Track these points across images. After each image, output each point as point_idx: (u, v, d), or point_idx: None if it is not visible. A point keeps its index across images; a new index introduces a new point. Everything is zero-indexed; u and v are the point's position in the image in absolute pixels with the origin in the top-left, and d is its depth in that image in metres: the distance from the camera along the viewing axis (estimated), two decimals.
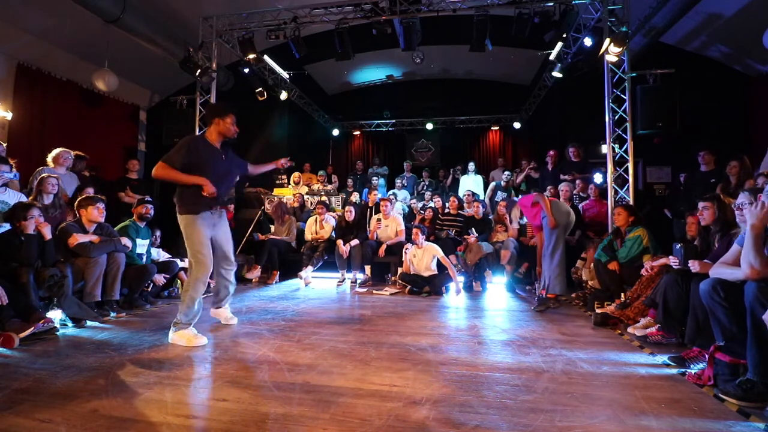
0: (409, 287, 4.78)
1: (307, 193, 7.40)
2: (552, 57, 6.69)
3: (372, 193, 6.86)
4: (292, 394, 1.88)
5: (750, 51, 6.40)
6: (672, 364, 2.33)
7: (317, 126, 10.53)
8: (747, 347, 1.87)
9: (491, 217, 5.70)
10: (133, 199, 5.12)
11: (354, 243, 5.33)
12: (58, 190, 3.80)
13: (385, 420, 1.64)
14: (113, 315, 3.44)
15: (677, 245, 2.71)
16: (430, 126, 10.16)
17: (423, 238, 4.79)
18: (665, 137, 6.45)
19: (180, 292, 4.29)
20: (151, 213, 4.21)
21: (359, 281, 5.33)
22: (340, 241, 5.37)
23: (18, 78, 5.97)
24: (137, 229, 4.04)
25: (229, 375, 2.12)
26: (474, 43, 5.65)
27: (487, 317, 3.63)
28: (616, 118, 5.26)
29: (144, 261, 4.04)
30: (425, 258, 4.76)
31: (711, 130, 6.75)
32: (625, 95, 5.20)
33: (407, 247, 5.05)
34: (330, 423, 1.61)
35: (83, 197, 3.69)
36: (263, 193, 7.19)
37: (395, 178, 8.40)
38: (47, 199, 3.68)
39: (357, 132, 11.16)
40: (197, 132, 6.14)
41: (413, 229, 4.85)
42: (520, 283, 5.06)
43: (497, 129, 10.48)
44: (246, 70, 6.88)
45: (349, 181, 8.23)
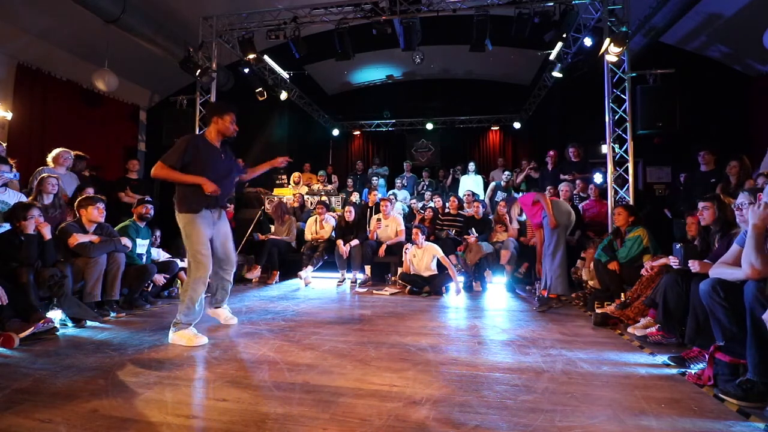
0: (409, 287, 4.78)
1: (307, 193, 7.41)
2: (552, 57, 6.69)
3: (372, 193, 6.87)
4: (292, 394, 1.88)
5: (750, 51, 6.40)
6: (672, 364, 2.33)
7: (317, 126, 10.53)
8: (747, 347, 1.87)
9: (491, 217, 5.69)
10: (133, 199, 5.12)
11: (354, 243, 5.33)
12: (58, 190, 3.81)
13: (385, 420, 1.64)
14: (113, 315, 3.44)
15: (677, 245, 2.71)
16: (430, 126, 10.16)
17: (423, 238, 4.79)
18: (665, 137, 6.46)
19: (180, 292, 4.29)
20: (151, 213, 4.21)
21: (359, 281, 5.33)
22: (340, 241, 5.38)
23: (18, 78, 5.98)
24: (137, 229, 4.04)
25: (229, 375, 2.12)
26: (474, 43, 5.65)
27: (487, 317, 3.63)
28: (616, 118, 5.26)
29: (144, 261, 4.05)
30: (425, 258, 4.76)
31: (711, 130, 6.75)
32: (625, 95, 5.20)
33: (407, 247, 5.05)
34: (330, 423, 1.61)
35: (83, 197, 3.69)
36: (263, 193, 7.19)
37: (395, 178, 8.40)
38: (47, 199, 3.69)
39: (357, 132, 11.16)
40: (197, 132, 6.14)
41: (413, 229, 4.85)
42: (520, 283, 5.06)
43: (497, 129, 10.48)
44: (246, 70, 6.88)
45: (349, 181, 8.23)
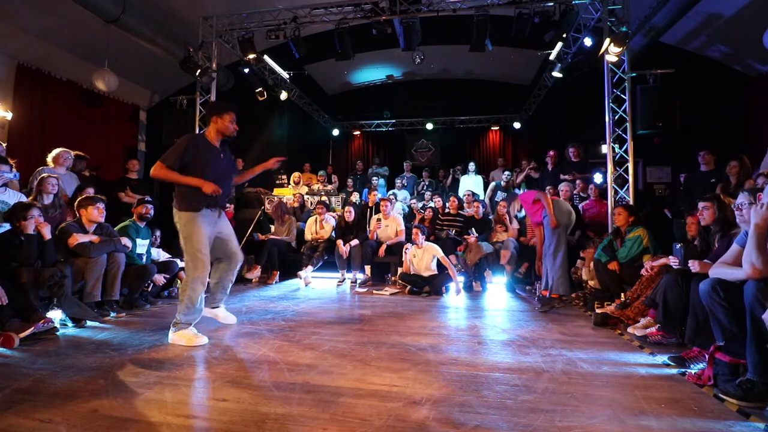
0: (409, 287, 4.78)
1: (307, 193, 7.41)
2: (552, 57, 6.69)
3: (372, 193, 6.86)
4: (292, 394, 1.87)
5: (750, 51, 6.41)
6: (672, 364, 2.33)
7: (317, 126, 10.53)
8: (747, 347, 1.87)
9: (491, 217, 5.69)
10: (133, 199, 5.12)
11: (354, 243, 5.33)
12: (58, 190, 3.80)
13: (385, 420, 1.64)
14: (113, 315, 3.44)
15: (677, 245, 2.71)
16: (430, 126, 10.16)
17: (423, 238, 4.79)
18: (665, 137, 6.46)
19: (179, 291, 4.29)
20: (151, 213, 4.21)
21: (359, 281, 5.33)
22: (340, 241, 5.38)
23: (18, 78, 5.98)
24: (137, 229, 4.04)
25: (229, 375, 2.12)
26: (474, 43, 5.65)
27: (487, 317, 3.63)
28: (616, 118, 5.26)
29: (144, 261, 4.05)
30: (425, 258, 4.76)
31: (711, 130, 6.75)
32: (625, 95, 5.20)
33: (407, 247, 5.05)
34: (330, 423, 1.61)
35: (83, 197, 3.69)
36: (263, 193, 7.19)
37: (395, 178, 8.40)
38: (47, 199, 3.68)
39: (357, 132, 11.16)
40: (197, 132, 6.14)
41: (413, 229, 4.85)
42: (520, 283, 5.06)
43: (497, 129, 10.48)
44: (246, 70, 6.88)
45: (349, 181, 8.23)
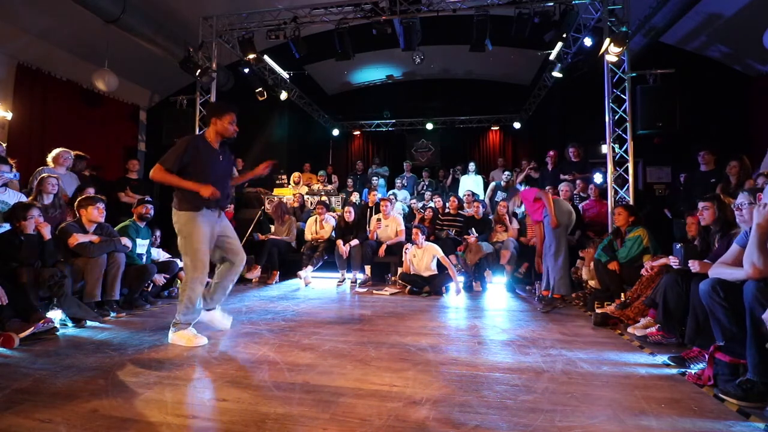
0: (409, 287, 4.78)
1: (307, 193, 7.41)
2: (552, 57, 6.69)
3: (372, 193, 6.86)
4: (292, 394, 1.87)
5: (750, 51, 6.40)
6: (672, 364, 2.33)
7: (317, 126, 10.53)
8: (747, 347, 1.87)
9: (491, 217, 5.69)
10: (133, 199, 5.12)
11: (354, 243, 5.33)
12: (58, 190, 3.80)
13: (385, 420, 1.64)
14: (113, 315, 3.44)
15: (677, 245, 2.71)
16: (430, 126, 10.16)
17: (423, 238, 4.79)
18: (665, 137, 6.45)
19: (179, 292, 4.29)
20: (151, 213, 4.21)
21: (359, 281, 5.33)
22: (339, 241, 5.37)
23: (18, 78, 5.98)
24: (137, 229, 4.04)
25: (229, 375, 2.12)
26: (474, 43, 5.65)
27: (487, 317, 3.63)
28: (616, 118, 5.26)
29: (144, 261, 4.05)
30: (425, 258, 4.76)
31: (711, 130, 6.75)
32: (625, 95, 5.20)
33: (407, 247, 5.05)
34: (330, 423, 1.61)
35: (83, 197, 3.69)
36: (263, 193, 7.19)
37: (395, 178, 8.40)
38: (47, 199, 3.68)
39: (357, 132, 11.16)
40: (197, 132, 6.13)
41: (413, 229, 4.84)
42: (520, 283, 5.06)
43: (497, 129, 10.48)
44: (246, 70, 6.88)
45: (349, 181, 8.23)
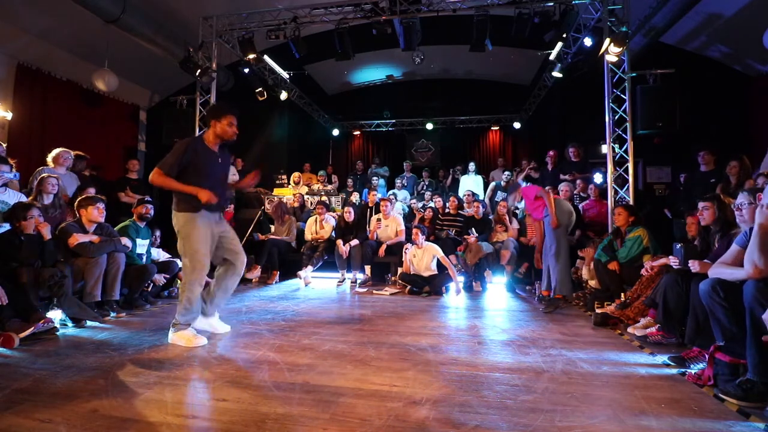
0: (409, 287, 4.78)
1: (307, 193, 7.41)
2: (552, 57, 6.69)
3: (372, 193, 6.86)
4: (292, 394, 1.87)
5: (750, 51, 6.40)
6: (672, 364, 2.33)
7: (317, 126, 10.53)
8: (746, 347, 1.87)
9: (491, 217, 5.69)
10: (133, 199, 5.12)
11: (354, 243, 5.33)
12: (58, 190, 3.80)
13: (385, 420, 1.64)
14: (113, 315, 3.44)
15: (677, 245, 2.71)
16: (430, 126, 10.16)
17: (423, 238, 4.79)
18: (665, 137, 6.45)
19: (179, 292, 4.29)
20: (151, 213, 4.21)
21: (359, 281, 5.33)
22: (339, 241, 5.37)
23: (18, 78, 5.98)
24: (137, 229, 4.04)
25: (229, 375, 2.12)
26: (474, 43, 5.65)
27: (487, 317, 3.63)
28: (616, 118, 5.26)
29: (144, 261, 4.04)
30: (425, 258, 4.76)
31: (711, 130, 6.75)
32: (625, 95, 5.20)
33: (407, 247, 5.05)
34: (330, 423, 1.61)
35: (83, 197, 3.69)
36: (263, 193, 7.19)
37: (395, 178, 8.41)
38: (47, 199, 3.68)
39: (357, 132, 11.16)
40: (197, 132, 6.14)
41: (413, 229, 4.84)
42: (520, 283, 5.06)
43: (497, 129, 10.47)
44: (246, 70, 6.88)
45: (349, 181, 8.23)
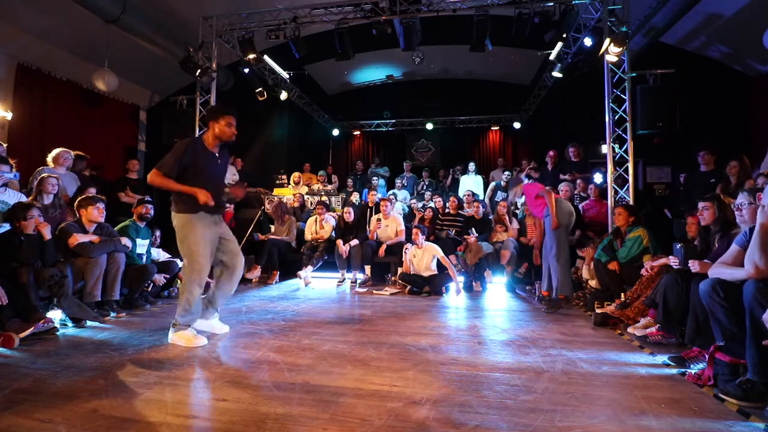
0: (409, 287, 4.78)
1: (307, 193, 7.41)
2: (552, 57, 6.69)
3: (371, 193, 6.85)
4: (292, 394, 1.87)
5: (750, 51, 6.40)
6: (672, 364, 2.33)
7: (317, 126, 10.53)
8: (746, 347, 1.87)
9: (491, 217, 5.69)
10: (133, 199, 5.12)
11: (354, 243, 5.33)
12: (58, 190, 3.80)
13: (385, 420, 1.64)
14: (113, 315, 3.44)
15: (677, 245, 2.71)
16: (430, 126, 10.16)
17: (423, 238, 4.79)
18: (665, 137, 6.45)
19: (178, 292, 4.29)
20: (151, 213, 4.21)
21: (359, 281, 5.33)
22: (339, 241, 5.37)
23: (18, 78, 5.98)
24: (137, 229, 4.04)
25: (229, 375, 2.12)
26: (474, 43, 5.65)
27: (487, 317, 3.63)
28: (616, 118, 5.26)
29: (144, 261, 4.04)
30: (425, 258, 4.76)
31: (711, 130, 6.75)
32: (625, 95, 5.20)
33: (407, 247, 5.05)
34: (330, 423, 1.61)
35: (83, 197, 3.69)
36: (263, 193, 7.19)
37: (395, 178, 8.41)
38: (47, 199, 3.68)
39: (357, 132, 11.16)
40: (197, 132, 6.14)
41: (413, 229, 4.84)
42: (520, 283, 5.06)
43: (497, 129, 10.48)
44: (246, 70, 6.88)
45: (349, 181, 8.23)
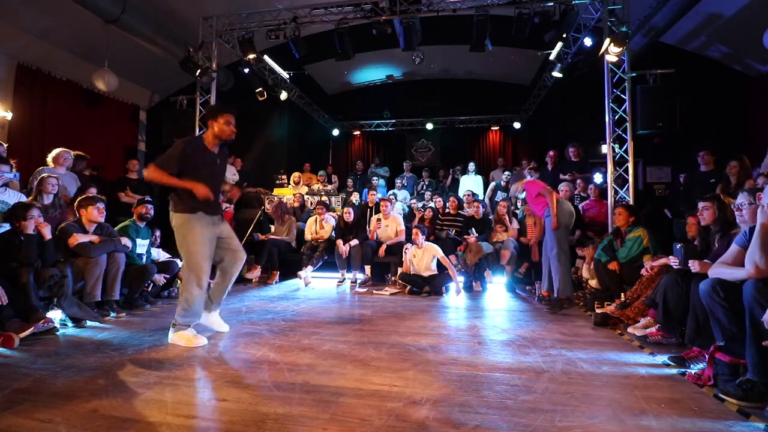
0: (409, 287, 4.78)
1: (307, 193, 7.41)
2: (552, 57, 6.69)
3: (371, 193, 6.84)
4: (292, 394, 1.88)
5: (750, 51, 6.41)
6: (672, 364, 2.33)
7: (317, 126, 10.53)
8: (746, 347, 1.87)
9: (491, 217, 5.69)
10: (133, 199, 5.12)
11: (354, 243, 5.33)
12: (58, 190, 3.81)
13: (385, 420, 1.64)
14: (113, 315, 3.44)
15: (677, 245, 2.71)
16: (430, 126, 10.16)
17: (423, 238, 4.79)
18: (665, 137, 6.46)
19: (178, 292, 4.29)
20: (151, 213, 4.21)
21: (359, 281, 5.33)
22: (339, 241, 5.37)
23: (18, 78, 5.98)
24: (137, 229, 4.04)
25: (229, 375, 2.12)
26: (474, 43, 5.65)
27: (487, 317, 3.63)
28: (616, 118, 5.26)
29: (144, 261, 4.04)
30: (425, 258, 4.76)
31: (711, 130, 6.75)
32: (625, 95, 5.20)
33: (407, 247, 5.05)
34: (330, 423, 1.61)
35: (83, 197, 3.69)
36: (263, 193, 7.19)
37: (395, 178, 8.41)
38: (47, 199, 3.69)
39: (357, 132, 11.16)
40: (197, 132, 6.13)
41: (413, 229, 4.85)
42: (520, 283, 5.06)
43: (497, 129, 10.48)
44: (246, 70, 6.88)
45: (349, 181, 8.23)
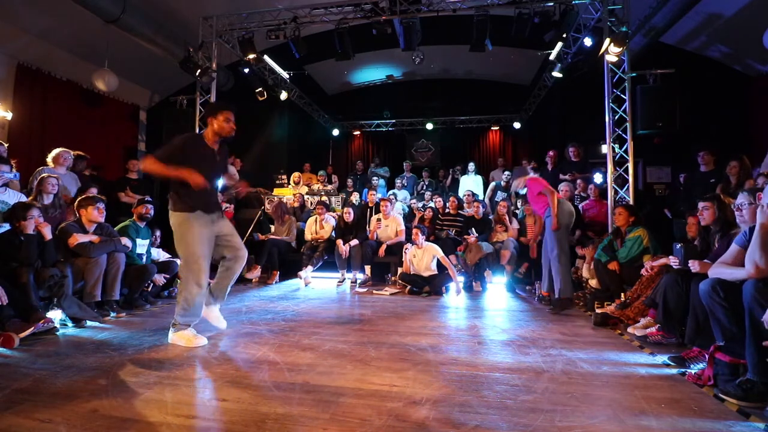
0: (409, 287, 4.78)
1: (307, 193, 7.41)
2: (552, 57, 6.69)
3: (371, 193, 6.84)
4: (292, 394, 1.88)
5: (750, 51, 6.41)
6: (672, 364, 2.33)
7: (317, 126, 10.53)
8: (746, 347, 1.87)
9: (491, 217, 5.69)
10: (133, 199, 5.12)
11: (354, 243, 5.33)
12: (58, 190, 3.81)
13: (385, 420, 1.64)
14: (113, 315, 3.44)
15: (677, 245, 2.71)
16: (430, 126, 10.16)
17: (423, 238, 4.79)
18: (665, 137, 6.45)
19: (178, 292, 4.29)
20: (151, 213, 4.21)
21: (359, 281, 5.33)
22: (339, 241, 5.37)
23: (18, 78, 5.98)
24: (137, 229, 4.04)
25: (229, 375, 2.12)
26: (474, 43, 5.65)
27: (487, 317, 3.63)
28: (616, 118, 5.26)
29: (144, 261, 4.04)
30: (425, 258, 4.76)
31: (711, 130, 6.76)
32: (625, 95, 5.20)
33: (407, 247, 5.05)
34: (330, 423, 1.61)
35: (83, 197, 3.69)
36: (263, 193, 7.19)
37: (395, 178, 8.41)
38: (47, 199, 3.69)
39: (357, 132, 11.16)
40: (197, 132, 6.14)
41: (413, 229, 4.85)
42: (520, 283, 5.06)
43: (497, 129, 10.48)
44: (246, 70, 6.88)
45: (349, 181, 8.23)
